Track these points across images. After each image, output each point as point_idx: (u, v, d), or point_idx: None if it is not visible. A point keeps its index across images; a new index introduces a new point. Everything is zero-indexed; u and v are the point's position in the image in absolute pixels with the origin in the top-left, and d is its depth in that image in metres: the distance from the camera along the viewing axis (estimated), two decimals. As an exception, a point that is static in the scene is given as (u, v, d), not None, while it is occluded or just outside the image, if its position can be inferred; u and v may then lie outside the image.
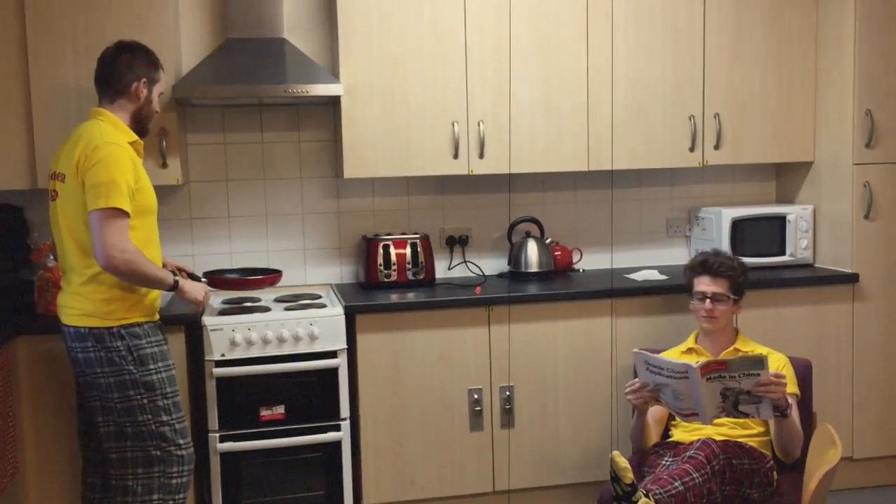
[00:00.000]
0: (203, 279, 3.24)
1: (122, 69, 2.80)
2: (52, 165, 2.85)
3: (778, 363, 2.97)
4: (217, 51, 3.51)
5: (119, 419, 2.76)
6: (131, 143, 2.78)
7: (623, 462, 2.44)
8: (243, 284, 3.47)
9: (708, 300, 3.04)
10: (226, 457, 3.27)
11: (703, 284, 3.07)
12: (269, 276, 3.42)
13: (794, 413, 2.84)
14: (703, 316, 3.05)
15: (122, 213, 2.63)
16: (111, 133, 2.72)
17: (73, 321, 2.75)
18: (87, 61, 3.25)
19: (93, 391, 2.77)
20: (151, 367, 2.76)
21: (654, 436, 3.05)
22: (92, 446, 2.94)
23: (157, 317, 2.89)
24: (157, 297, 2.87)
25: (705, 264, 3.10)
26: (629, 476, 2.43)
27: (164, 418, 2.78)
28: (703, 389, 2.57)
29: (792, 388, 2.93)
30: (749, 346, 3.06)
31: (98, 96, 2.85)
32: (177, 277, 2.82)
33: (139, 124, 2.87)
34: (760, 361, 2.57)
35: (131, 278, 2.69)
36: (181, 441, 2.83)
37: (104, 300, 2.71)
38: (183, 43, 3.65)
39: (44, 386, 3.13)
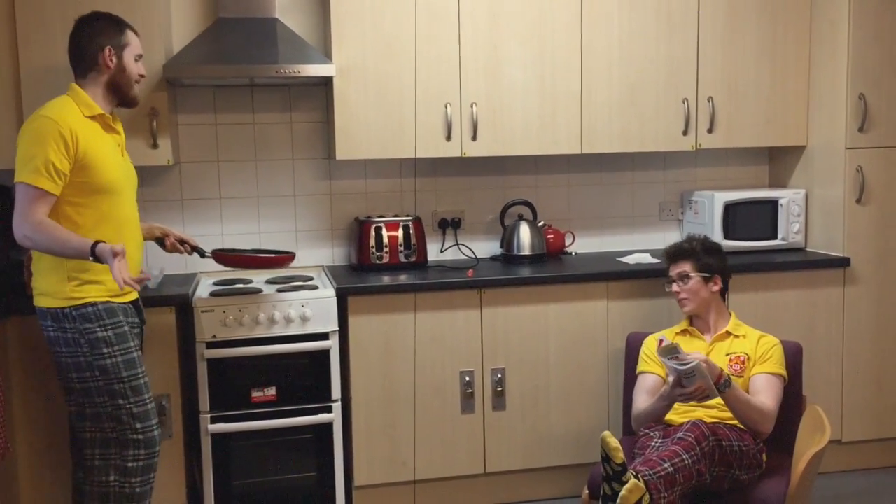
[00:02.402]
0: (209, 254, 3.20)
1: (83, 42, 2.73)
2: None
3: (767, 345, 3.00)
4: (208, 30, 3.49)
5: (79, 399, 2.74)
6: (94, 117, 2.70)
7: (614, 442, 2.44)
8: (254, 262, 3.37)
9: (674, 283, 3.11)
10: (217, 438, 3.27)
11: (671, 270, 3.17)
12: (282, 256, 3.34)
13: (770, 389, 2.89)
14: (678, 301, 3.13)
15: (33, 189, 2.56)
16: (58, 107, 2.64)
17: (35, 301, 2.74)
18: (77, 40, 3.24)
19: (59, 370, 2.75)
20: (105, 350, 2.68)
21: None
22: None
23: (122, 299, 2.75)
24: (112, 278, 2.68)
25: (667, 252, 3.21)
26: (620, 456, 2.44)
27: (120, 402, 2.71)
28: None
29: (777, 369, 2.96)
30: (741, 331, 3.07)
31: (74, 74, 2.80)
32: (97, 249, 2.50)
33: (119, 94, 2.77)
34: (674, 348, 2.70)
35: (42, 251, 2.63)
36: (138, 425, 2.73)
37: (52, 279, 2.66)
38: (173, 22, 3.62)
39: (34, 366, 3.12)
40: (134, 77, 2.79)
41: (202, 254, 3.19)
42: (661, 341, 2.80)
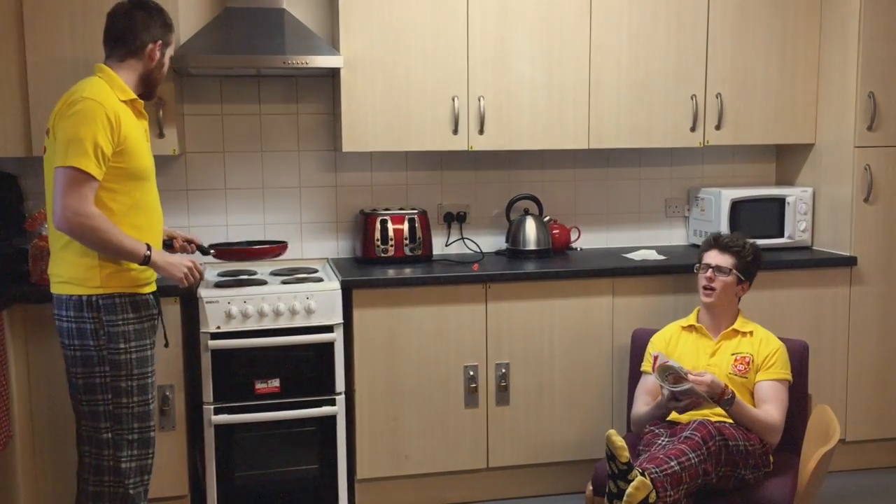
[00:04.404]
0: (212, 252, 3.18)
1: (137, 28, 2.66)
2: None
3: (770, 350, 2.98)
4: (215, 20, 3.47)
5: (78, 395, 2.66)
6: (127, 102, 2.64)
7: (619, 441, 2.44)
8: (248, 255, 3.38)
9: (710, 270, 3.06)
10: (220, 429, 3.26)
11: (710, 257, 3.11)
12: (274, 247, 3.37)
13: (776, 398, 2.88)
14: (703, 287, 3.07)
15: (82, 174, 2.47)
16: (97, 89, 2.57)
17: (55, 289, 2.65)
18: (84, 29, 3.23)
19: (65, 364, 2.68)
20: (122, 345, 2.62)
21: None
22: None
23: (148, 290, 2.70)
24: (143, 268, 2.66)
25: (717, 239, 3.15)
26: (625, 455, 2.43)
27: (124, 400, 2.64)
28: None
29: (782, 374, 2.95)
30: (749, 327, 3.06)
31: (105, 54, 2.69)
32: (148, 253, 2.59)
33: (147, 86, 2.73)
34: (672, 368, 2.71)
35: (89, 244, 2.53)
36: (136, 425, 2.67)
37: (81, 265, 2.58)
38: (181, 11, 3.59)
39: (36, 356, 3.12)
40: (164, 75, 2.78)
41: (205, 251, 3.16)
42: (655, 358, 2.79)
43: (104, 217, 2.53)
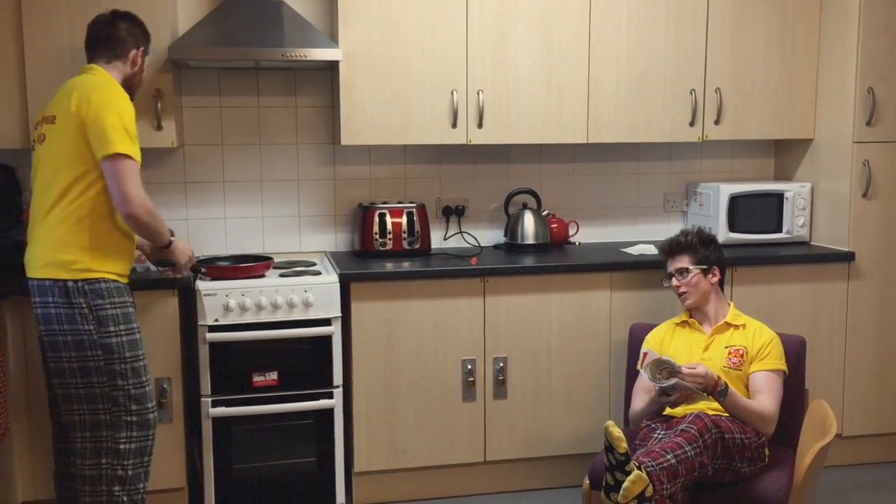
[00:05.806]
0: (202, 270, 3.28)
1: (122, 34, 2.83)
2: (39, 114, 2.82)
3: (765, 340, 2.98)
4: (214, 12, 3.46)
5: (71, 380, 2.70)
6: None
7: (617, 432, 2.44)
8: (236, 273, 3.37)
9: (673, 278, 3.12)
10: (218, 422, 3.26)
11: (669, 266, 3.17)
12: (261, 264, 3.39)
13: (770, 389, 2.88)
14: (678, 295, 3.13)
15: (133, 161, 2.64)
16: (110, 82, 2.74)
17: (36, 273, 2.70)
18: (82, 21, 3.19)
19: (50, 351, 2.72)
20: (112, 329, 2.70)
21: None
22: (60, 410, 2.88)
23: (125, 280, 2.80)
24: (128, 256, 2.80)
25: (663, 248, 3.21)
26: (623, 446, 2.43)
27: (119, 382, 2.71)
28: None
29: (776, 364, 2.95)
30: (741, 320, 3.06)
31: (89, 57, 2.83)
32: (172, 238, 2.81)
33: (128, 90, 2.85)
34: (662, 362, 2.72)
35: (146, 228, 2.71)
36: (134, 407, 2.74)
37: (71, 246, 2.64)
38: (179, 3, 3.59)
39: (33, 348, 3.11)
40: (142, 81, 2.95)
41: (197, 270, 3.24)
42: (644, 354, 2.79)
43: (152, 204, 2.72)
